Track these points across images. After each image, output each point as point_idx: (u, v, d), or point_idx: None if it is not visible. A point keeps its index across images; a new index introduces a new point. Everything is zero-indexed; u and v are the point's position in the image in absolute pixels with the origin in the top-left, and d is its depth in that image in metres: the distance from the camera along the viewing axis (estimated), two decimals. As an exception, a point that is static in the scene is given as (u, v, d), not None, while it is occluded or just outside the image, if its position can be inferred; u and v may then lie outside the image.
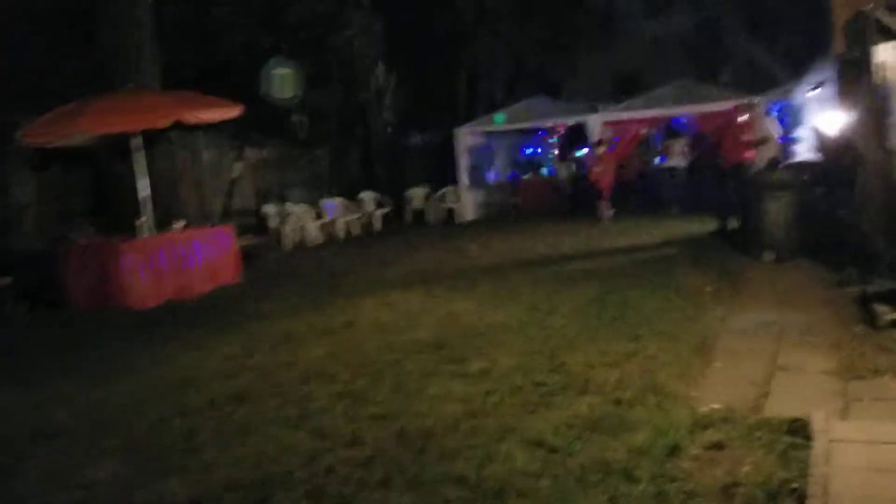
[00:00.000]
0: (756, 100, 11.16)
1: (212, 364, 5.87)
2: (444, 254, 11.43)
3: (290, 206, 14.81)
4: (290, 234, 14.38)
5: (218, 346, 6.43)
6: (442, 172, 17.80)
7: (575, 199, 16.35)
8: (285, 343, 6.33)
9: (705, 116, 13.38)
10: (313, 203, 15.84)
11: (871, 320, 5.20)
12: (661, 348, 5.16)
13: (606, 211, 13.92)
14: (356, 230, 16.40)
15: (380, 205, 17.61)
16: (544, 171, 19.83)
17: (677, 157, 14.70)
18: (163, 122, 9.08)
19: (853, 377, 4.29)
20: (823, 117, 11.27)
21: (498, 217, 17.50)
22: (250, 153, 14.32)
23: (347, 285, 9.13)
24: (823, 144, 11.18)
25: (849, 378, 4.28)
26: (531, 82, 24.74)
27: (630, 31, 29.88)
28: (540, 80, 25.37)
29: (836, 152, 10.44)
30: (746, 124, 10.61)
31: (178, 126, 9.74)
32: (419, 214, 17.82)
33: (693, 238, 10.75)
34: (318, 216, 15.57)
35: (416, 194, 18.06)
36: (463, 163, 17.57)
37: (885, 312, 5.06)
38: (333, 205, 16.46)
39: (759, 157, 10.38)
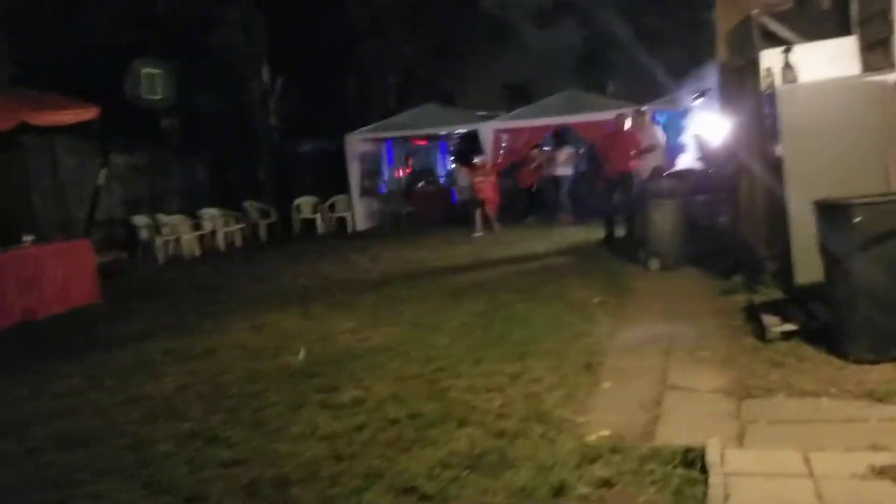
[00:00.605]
0: (643, 109, 11.18)
1: (42, 402, 5.07)
2: (329, 266, 10.83)
3: (163, 217, 13.79)
4: (162, 247, 13.37)
5: (55, 378, 5.61)
6: (335, 181, 17.18)
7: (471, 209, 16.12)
8: (135, 374, 5.59)
9: (590, 126, 13.39)
10: (191, 213, 14.88)
11: (760, 332, 5.02)
12: (547, 368, 4.81)
13: (494, 223, 13.47)
14: (239, 242, 15.54)
15: (265, 214, 16.81)
16: (441, 179, 19.57)
17: (564, 166, 14.67)
18: (3, 124, 8.07)
19: (746, 396, 4.04)
20: (706, 126, 11.45)
21: (391, 226, 17.03)
22: (118, 159, 13.20)
23: (218, 304, 8.39)
24: (706, 153, 11.35)
25: (742, 397, 4.03)
26: (424, 90, 24.48)
27: (521, 42, 30.24)
28: (432, 89, 25.14)
29: (718, 161, 10.58)
30: (630, 134, 10.58)
31: (33, 130, 8.75)
32: (309, 224, 17.12)
33: (582, 247, 10.62)
34: (197, 227, 14.62)
35: (305, 203, 17.36)
36: (354, 170, 17.02)
37: (774, 324, 4.89)
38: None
39: (644, 167, 10.36)
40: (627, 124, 10.64)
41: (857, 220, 4.19)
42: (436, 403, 4.28)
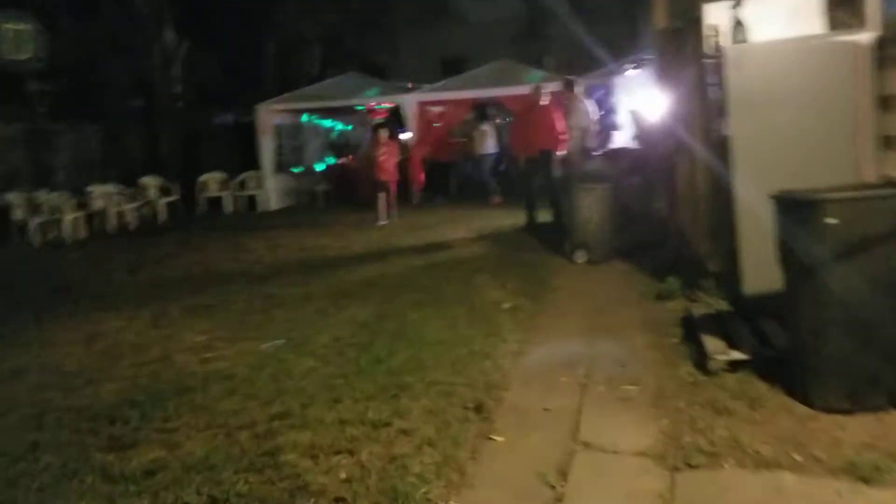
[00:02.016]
0: (572, 78, 9.98)
1: None
2: (218, 255, 9.44)
3: (42, 195, 12.09)
4: (38, 230, 11.72)
5: None
6: (251, 157, 15.63)
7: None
8: None
9: (520, 99, 12.21)
10: (80, 190, 13.19)
11: (700, 359, 3.95)
12: (425, 411, 3.63)
13: (392, 210, 11.41)
14: (134, 222, 13.91)
15: (165, 192, 15.15)
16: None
17: (484, 143, 13.49)
18: None
19: (683, 464, 2.94)
20: (643, 101, 10.39)
21: (308, 206, 15.61)
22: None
23: (64, 303, 6.95)
24: (642, 130, 10.30)
25: (677, 467, 2.93)
26: (353, 62, 22.92)
27: (459, 15, 28.87)
28: (363, 62, 23.62)
29: (654, 138, 9.57)
30: (550, 108, 9.41)
31: None
32: (216, 203, 15.56)
33: (504, 234, 9.49)
34: (82, 206, 12.94)
35: (212, 180, 15.75)
36: (266, 144, 15.49)
37: (719, 351, 3.81)
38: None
39: (570, 145, 9.25)
40: (546, 98, 9.46)
41: (833, 221, 3.10)
42: (256, 477, 3.05)
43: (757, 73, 4.47)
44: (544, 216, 9.59)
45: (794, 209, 3.32)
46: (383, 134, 11.47)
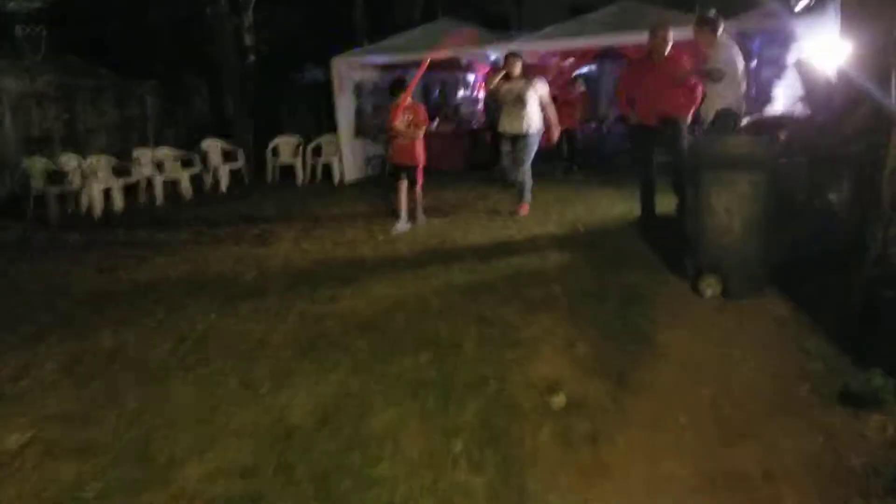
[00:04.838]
0: (711, 16, 7.01)
1: None
2: (218, 252, 7.30)
3: (69, 160, 10.51)
4: (56, 202, 10.17)
5: None
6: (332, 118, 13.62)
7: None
8: None
9: (638, 49, 9.33)
10: (122, 155, 11.63)
11: None
12: None
13: (419, 209, 7.80)
14: (190, 193, 12.23)
15: (229, 157, 13.38)
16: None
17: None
18: None
19: None
20: (816, 49, 7.29)
21: (377, 178, 13.40)
22: (12, 83, 9.96)
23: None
24: (813, 90, 7.22)
25: None
26: (467, 11, 20.38)
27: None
28: (480, 10, 21.03)
29: (833, 103, 6.57)
30: (677, 58, 6.60)
31: None
32: (289, 172, 13.67)
33: (604, 231, 6.90)
34: (122, 173, 11.34)
35: (285, 145, 13.86)
36: (344, 104, 13.38)
37: None
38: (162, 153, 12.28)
39: (705, 108, 6.41)
40: (669, 44, 6.66)
41: None
42: None
43: None
44: (665, 203, 6.92)
45: None
46: (402, 95, 7.45)
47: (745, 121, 6.75)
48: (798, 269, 4.86)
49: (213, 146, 13.17)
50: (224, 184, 12.97)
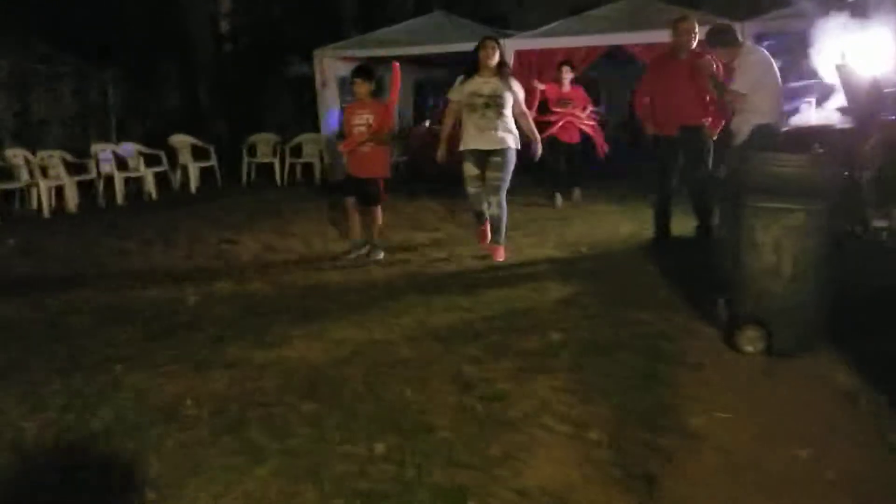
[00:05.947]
0: (729, 29, 5.98)
1: None
2: (163, 269, 6.33)
3: (15, 154, 9.44)
4: None
5: None
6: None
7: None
8: None
9: (653, 49, 8.38)
10: (79, 150, 10.59)
11: None
12: None
13: (373, 234, 6.28)
14: (154, 192, 11.20)
15: (200, 154, 12.33)
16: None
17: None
18: None
19: None
20: (857, 50, 6.34)
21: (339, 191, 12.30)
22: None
23: None
24: (856, 95, 6.25)
25: None
26: (463, 9, 19.42)
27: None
28: (477, 9, 20.09)
29: (880, 108, 5.68)
30: (700, 56, 5.65)
31: None
32: (268, 171, 12.66)
33: (610, 255, 5.97)
34: (79, 169, 10.30)
35: (263, 142, 12.87)
36: (327, 101, 12.42)
37: None
38: (130, 148, 11.24)
39: (736, 123, 5.45)
40: (695, 38, 5.70)
41: None
42: None
43: None
44: (681, 224, 5.98)
45: None
46: (361, 90, 6.04)
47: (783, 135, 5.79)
48: (850, 313, 3.94)
49: (182, 142, 12.14)
50: (194, 184, 11.97)
